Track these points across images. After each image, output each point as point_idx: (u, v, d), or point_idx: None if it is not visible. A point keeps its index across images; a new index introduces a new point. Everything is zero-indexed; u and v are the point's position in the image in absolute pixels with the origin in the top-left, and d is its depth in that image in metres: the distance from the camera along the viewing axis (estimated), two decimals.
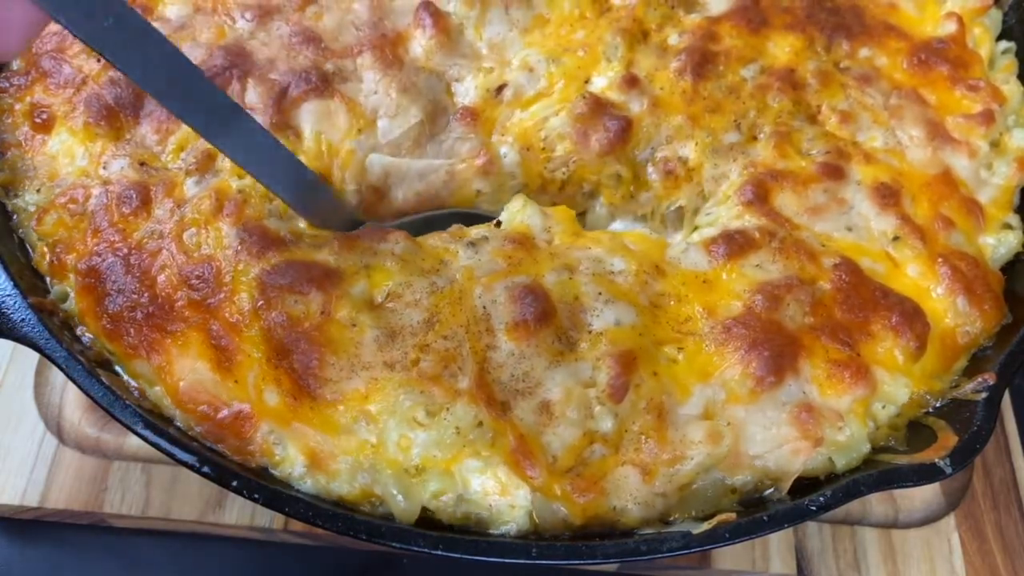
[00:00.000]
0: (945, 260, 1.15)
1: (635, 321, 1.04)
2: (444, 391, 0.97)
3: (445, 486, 0.96)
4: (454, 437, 0.95)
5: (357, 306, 1.01)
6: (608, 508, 0.97)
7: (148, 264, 1.06)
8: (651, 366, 1.02)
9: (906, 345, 1.06)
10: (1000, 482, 1.34)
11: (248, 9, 1.28)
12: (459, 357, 0.99)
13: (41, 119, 1.19)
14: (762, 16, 1.35)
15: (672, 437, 0.99)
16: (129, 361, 1.03)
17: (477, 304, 1.04)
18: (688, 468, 0.99)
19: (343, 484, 0.97)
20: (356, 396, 0.97)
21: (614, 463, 0.98)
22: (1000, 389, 1.04)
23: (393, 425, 0.96)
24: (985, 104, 1.30)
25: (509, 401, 0.99)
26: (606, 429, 0.99)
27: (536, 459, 0.96)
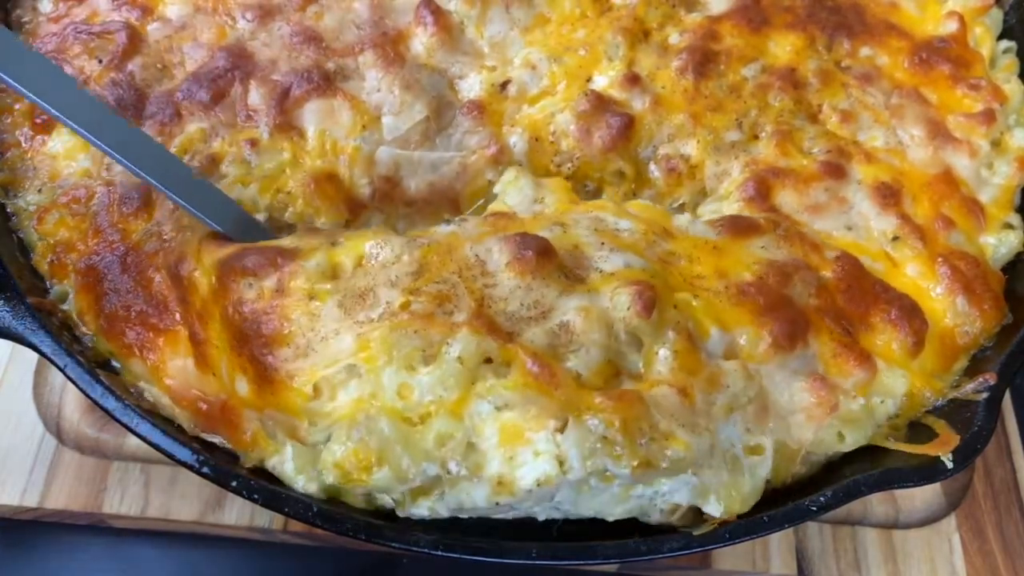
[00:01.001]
0: (945, 260, 1.15)
1: (645, 266, 1.00)
2: (440, 328, 0.91)
3: (452, 428, 0.90)
4: (458, 370, 0.90)
5: (314, 278, 0.97)
6: (651, 424, 0.89)
7: (145, 264, 1.06)
8: (670, 301, 0.98)
9: (904, 340, 1.06)
10: (1001, 482, 1.34)
11: (249, 9, 1.28)
12: (454, 296, 0.95)
13: (42, 119, 1.19)
14: (763, 15, 1.35)
15: (705, 361, 0.95)
16: (127, 360, 1.04)
17: (468, 254, 0.99)
18: (724, 398, 0.94)
19: (338, 447, 0.91)
20: (327, 363, 0.93)
21: (648, 386, 0.92)
22: (1001, 389, 1.04)
23: (390, 374, 0.91)
24: (986, 103, 1.30)
25: (515, 331, 0.93)
26: (633, 356, 0.94)
27: (559, 375, 0.89)
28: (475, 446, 0.90)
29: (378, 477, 0.90)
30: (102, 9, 1.28)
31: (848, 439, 1.01)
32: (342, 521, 0.94)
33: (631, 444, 0.87)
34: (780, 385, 0.99)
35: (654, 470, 0.88)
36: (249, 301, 0.97)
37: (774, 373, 0.99)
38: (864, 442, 1.02)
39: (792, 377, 1.00)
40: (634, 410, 0.88)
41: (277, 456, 0.97)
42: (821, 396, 0.98)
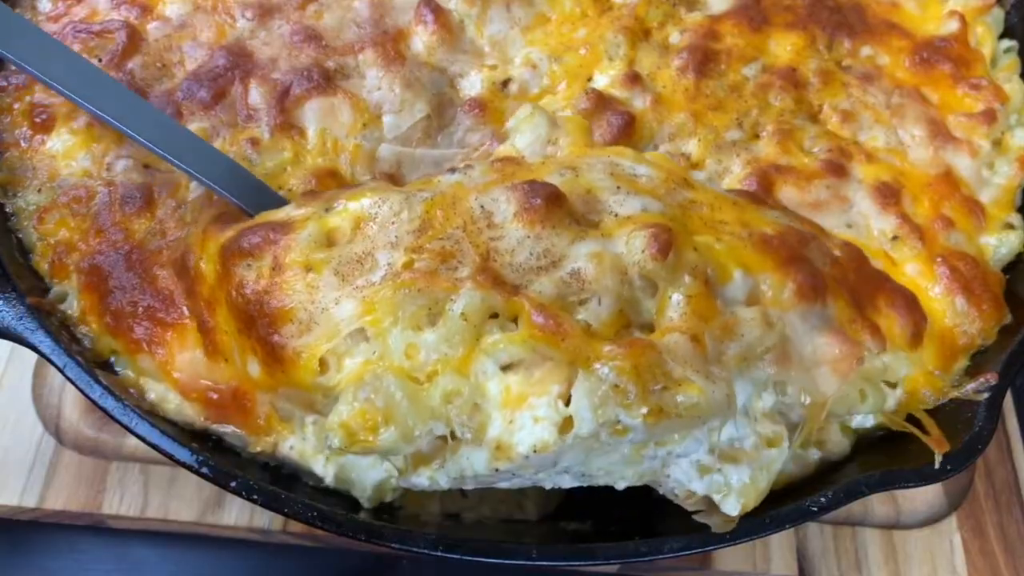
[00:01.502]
0: (944, 260, 1.15)
1: (664, 210, 0.97)
2: (444, 285, 0.89)
3: (458, 385, 0.88)
4: (463, 327, 0.88)
5: (309, 249, 0.95)
6: (664, 371, 0.86)
7: (150, 262, 1.06)
8: (689, 243, 0.95)
9: (904, 329, 1.06)
10: (1002, 483, 1.34)
11: (248, 8, 1.27)
12: (458, 252, 0.92)
13: (41, 119, 1.18)
14: (763, 15, 1.35)
15: (721, 308, 0.92)
16: (133, 357, 1.03)
17: (474, 206, 0.96)
18: (738, 348, 0.91)
19: (345, 407, 0.89)
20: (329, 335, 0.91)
21: (660, 334, 0.89)
22: (1002, 390, 1.04)
23: (396, 335, 0.89)
24: (987, 103, 1.30)
25: (522, 283, 0.90)
26: (647, 303, 0.91)
27: (566, 326, 0.86)
28: (480, 407, 0.88)
29: (384, 437, 0.87)
30: (101, 8, 1.28)
31: (868, 401, 0.99)
32: (342, 522, 0.94)
33: (643, 392, 0.84)
34: (803, 336, 0.96)
35: (667, 418, 0.84)
36: (250, 282, 0.95)
37: (796, 323, 0.96)
38: (880, 407, 1.00)
39: (814, 331, 0.96)
40: (645, 357, 0.85)
41: (294, 437, 0.97)
42: (846, 349, 0.96)
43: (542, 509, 1.13)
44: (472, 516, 1.09)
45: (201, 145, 1.11)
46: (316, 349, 0.91)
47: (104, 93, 1.08)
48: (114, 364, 1.05)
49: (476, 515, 1.09)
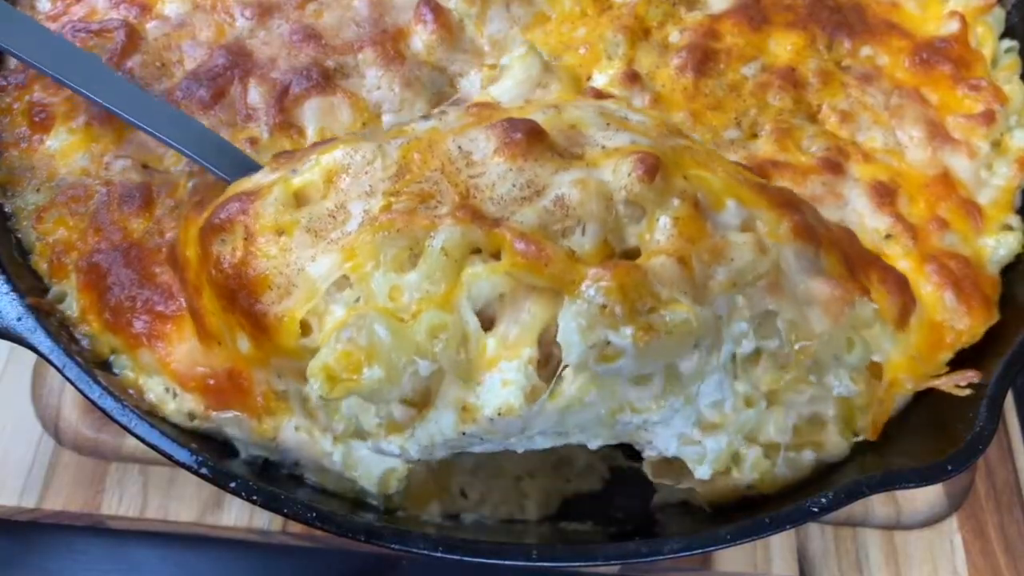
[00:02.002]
0: (934, 259, 1.15)
1: (654, 145, 0.95)
2: (424, 223, 0.87)
3: (443, 319, 0.85)
4: (444, 263, 0.86)
5: (277, 213, 0.93)
6: (652, 292, 0.85)
7: (149, 260, 1.06)
8: (679, 171, 0.93)
9: (892, 307, 1.05)
10: (1003, 483, 1.34)
11: (248, 7, 1.27)
12: (437, 193, 0.90)
13: (40, 118, 1.18)
14: (763, 14, 1.35)
15: (711, 231, 0.90)
16: (133, 352, 1.03)
17: (451, 147, 0.94)
18: (727, 273, 0.89)
19: (326, 351, 0.86)
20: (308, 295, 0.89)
21: (645, 257, 0.88)
22: (1003, 390, 1.04)
23: (379, 279, 0.87)
24: (987, 104, 1.30)
25: (504, 216, 0.88)
26: (632, 228, 0.89)
27: (549, 251, 0.84)
28: (468, 342, 0.86)
29: (368, 376, 0.85)
30: (100, 7, 1.28)
31: (858, 348, 0.97)
32: (341, 522, 0.93)
33: (630, 312, 0.83)
34: (795, 275, 0.94)
35: (657, 336, 0.83)
36: (226, 257, 0.94)
37: (790, 259, 0.95)
38: (867, 360, 0.99)
39: (806, 274, 0.95)
40: (631, 277, 0.84)
41: (296, 417, 0.97)
42: (839, 292, 0.95)
43: (542, 510, 1.13)
44: (472, 517, 1.09)
45: (175, 113, 1.11)
46: (296, 312, 0.89)
47: (75, 65, 1.09)
48: (113, 364, 1.05)
49: (476, 516, 1.09)
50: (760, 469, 1.09)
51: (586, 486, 1.18)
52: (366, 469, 1.00)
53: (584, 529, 1.10)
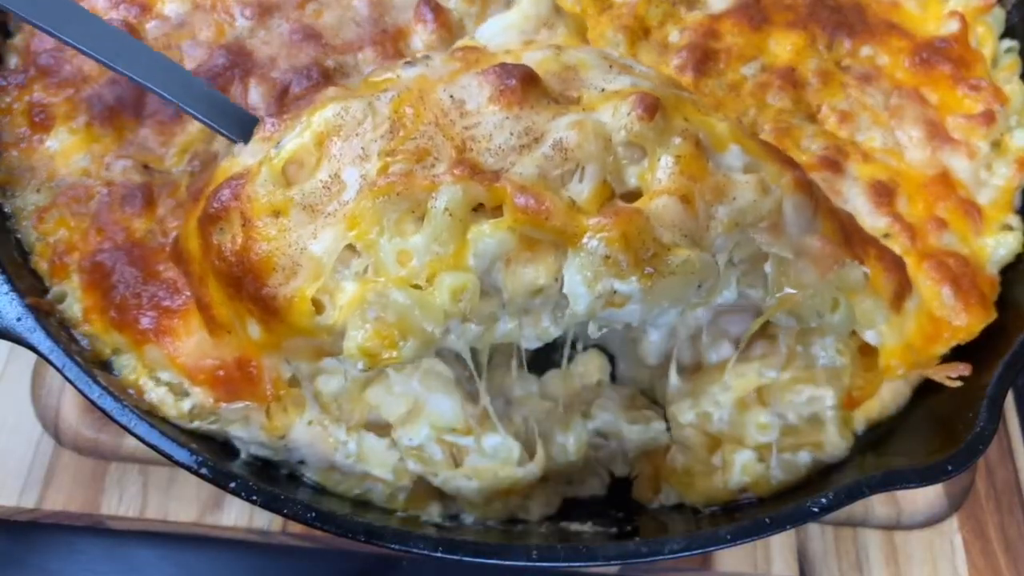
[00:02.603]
0: (933, 256, 1.15)
1: (655, 88, 0.93)
2: (423, 184, 0.86)
3: (462, 280, 0.85)
4: (449, 223, 0.85)
5: (269, 193, 0.92)
6: (654, 237, 0.85)
7: (152, 258, 1.06)
8: (679, 113, 0.92)
9: (888, 284, 1.05)
10: (1003, 483, 1.34)
11: (247, 7, 1.27)
12: (433, 149, 0.89)
13: (40, 118, 1.18)
14: (763, 14, 1.35)
15: (713, 171, 0.89)
16: (140, 349, 1.03)
17: (443, 97, 0.92)
18: (729, 212, 0.88)
19: (356, 332, 0.86)
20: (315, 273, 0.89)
21: (647, 199, 0.87)
22: (1003, 390, 1.04)
23: (386, 244, 0.87)
24: (987, 104, 1.30)
25: (503, 167, 0.87)
26: (632, 169, 0.89)
27: (549, 203, 0.84)
28: (486, 289, 0.87)
29: (407, 349, 0.86)
30: (100, 7, 1.27)
31: (842, 310, 0.96)
32: (341, 522, 0.93)
33: (635, 260, 0.84)
34: (792, 226, 0.93)
35: (662, 278, 0.84)
36: (227, 245, 0.93)
37: (789, 210, 0.94)
38: (850, 326, 0.98)
39: (802, 231, 0.94)
40: (634, 224, 0.84)
41: (309, 412, 0.98)
42: (831, 249, 0.94)
43: (543, 510, 1.13)
44: (472, 517, 1.09)
45: (174, 68, 1.09)
46: (306, 290, 0.88)
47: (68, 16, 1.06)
48: (113, 364, 1.05)
49: (476, 516, 1.09)
50: (752, 473, 1.09)
51: (588, 492, 1.18)
52: (379, 460, 1.00)
53: (584, 530, 1.10)
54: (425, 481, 1.09)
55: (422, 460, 1.06)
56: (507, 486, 1.08)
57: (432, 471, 1.07)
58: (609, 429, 1.17)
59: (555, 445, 1.14)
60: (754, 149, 0.94)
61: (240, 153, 1.00)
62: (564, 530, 1.10)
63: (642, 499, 1.16)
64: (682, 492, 1.13)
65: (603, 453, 1.19)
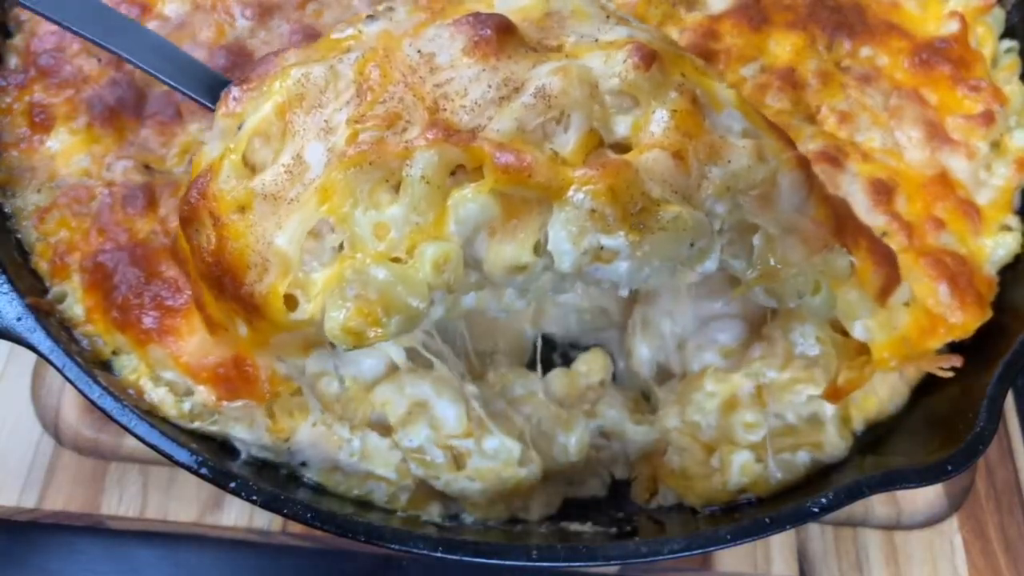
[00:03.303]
0: (930, 254, 1.15)
1: (652, 39, 0.89)
2: (396, 151, 0.81)
3: (444, 250, 0.81)
4: (426, 190, 0.80)
5: (233, 188, 0.88)
6: (643, 191, 0.80)
7: (155, 258, 1.07)
8: (677, 67, 0.87)
9: (876, 277, 1.03)
10: (1003, 483, 1.34)
11: (248, 7, 1.27)
12: (404, 112, 0.83)
13: (40, 119, 1.18)
14: (763, 14, 1.35)
15: (709, 129, 0.85)
16: (143, 349, 1.03)
17: (409, 53, 0.86)
18: (723, 174, 0.84)
19: (337, 312, 0.82)
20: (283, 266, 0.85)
21: (637, 152, 0.82)
22: (1003, 390, 1.04)
23: (361, 216, 0.82)
24: (986, 105, 1.30)
25: (479, 125, 0.82)
26: (621, 117, 0.84)
27: (530, 159, 0.79)
28: (472, 259, 0.83)
29: (393, 325, 0.82)
30: None
31: (823, 293, 0.93)
32: (341, 522, 0.93)
33: (622, 214, 0.79)
34: (785, 202, 0.90)
35: (651, 233, 0.80)
36: (204, 246, 0.90)
37: (785, 186, 0.90)
38: (830, 312, 0.96)
39: (794, 209, 0.91)
40: (622, 176, 0.79)
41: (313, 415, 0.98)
42: (821, 231, 0.92)
43: (544, 510, 1.13)
44: (472, 517, 1.09)
45: (142, 31, 1.07)
46: (278, 286, 0.85)
47: None
48: (113, 365, 1.05)
49: (476, 516, 1.09)
50: (751, 473, 1.09)
51: (588, 492, 1.18)
52: (383, 459, 0.99)
53: (584, 530, 1.10)
54: (427, 482, 1.09)
55: (424, 464, 1.06)
56: (511, 486, 1.08)
57: (434, 474, 1.06)
58: (614, 428, 1.17)
59: (556, 445, 1.14)
60: (758, 121, 0.91)
61: (210, 141, 0.96)
62: (564, 530, 1.10)
63: (640, 500, 1.16)
64: (681, 493, 1.13)
65: (604, 454, 1.19)
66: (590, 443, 1.16)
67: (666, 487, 1.14)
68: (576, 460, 1.14)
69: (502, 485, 1.07)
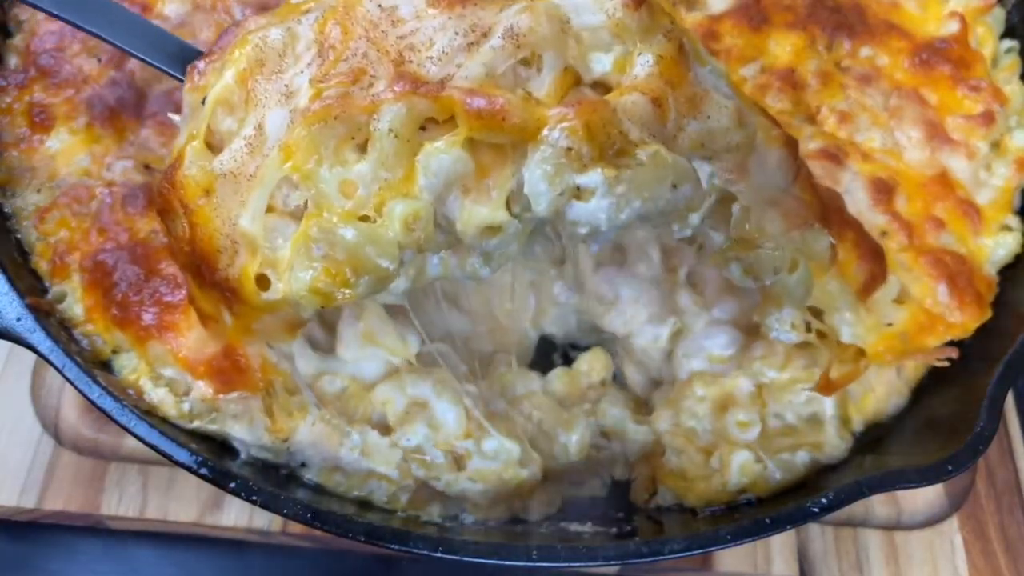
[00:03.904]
0: (930, 253, 1.15)
1: None
2: (362, 106, 0.78)
3: (414, 208, 0.78)
4: (395, 145, 0.78)
5: (199, 173, 0.86)
6: (617, 131, 0.78)
7: (155, 257, 1.07)
8: (668, 16, 0.84)
9: (859, 273, 1.02)
10: (1003, 483, 1.34)
11: (247, 7, 1.27)
12: (368, 67, 0.81)
13: (40, 119, 1.18)
14: (763, 14, 1.35)
15: (692, 81, 0.82)
16: (143, 346, 1.03)
17: (369, 8, 0.84)
18: (699, 130, 0.82)
19: (304, 273, 0.80)
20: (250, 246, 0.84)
21: (617, 94, 0.80)
22: (1003, 390, 1.04)
23: (326, 174, 0.79)
24: (986, 105, 1.30)
25: (447, 75, 0.79)
26: (598, 55, 0.81)
27: (502, 103, 0.76)
28: (445, 216, 0.80)
29: (361, 285, 0.80)
30: None
31: (800, 272, 0.91)
32: (341, 522, 0.93)
33: (598, 152, 0.77)
34: (770, 177, 0.88)
35: (628, 169, 0.77)
36: (181, 235, 0.88)
37: (772, 162, 0.88)
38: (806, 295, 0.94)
39: (777, 187, 0.89)
40: (598, 114, 0.76)
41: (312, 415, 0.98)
42: (802, 209, 0.90)
43: (544, 510, 1.13)
44: (473, 517, 1.09)
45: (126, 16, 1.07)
46: (249, 267, 0.83)
47: None
48: (113, 364, 1.05)
49: (477, 517, 1.09)
50: (751, 473, 1.09)
51: (588, 492, 1.18)
52: (384, 457, 0.99)
53: (584, 530, 1.10)
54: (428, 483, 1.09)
55: (424, 464, 1.06)
56: (513, 487, 1.08)
57: (435, 475, 1.06)
58: (615, 428, 1.17)
59: (557, 444, 1.14)
60: (747, 101, 0.89)
61: (180, 126, 0.94)
62: (564, 530, 1.10)
63: (640, 501, 1.16)
64: (680, 494, 1.13)
65: (604, 455, 1.19)
66: (590, 443, 1.16)
67: (665, 487, 1.14)
68: (577, 460, 1.14)
69: (504, 486, 1.07)
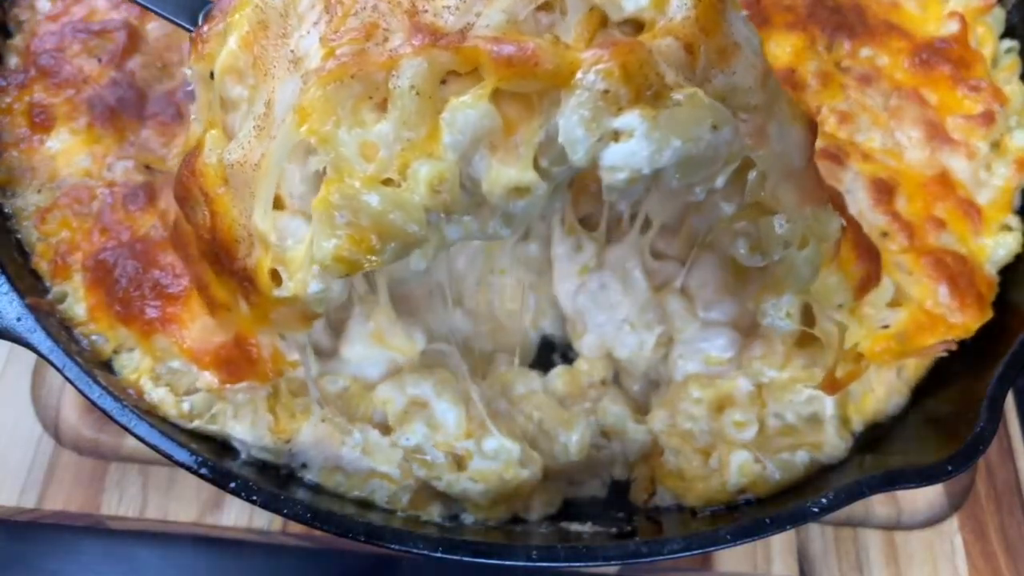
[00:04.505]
0: (931, 253, 1.15)
1: None
2: (379, 63, 0.74)
3: (439, 169, 0.74)
4: (417, 102, 0.74)
5: (217, 163, 0.84)
6: (655, 72, 0.73)
7: (155, 250, 1.07)
8: None
9: (857, 271, 1.01)
10: (1003, 483, 1.34)
11: None
12: (381, 21, 0.77)
13: (40, 119, 1.18)
14: (763, 15, 1.35)
15: (726, 30, 0.79)
16: (147, 340, 1.03)
17: None
18: (724, 82, 0.79)
19: (328, 242, 0.76)
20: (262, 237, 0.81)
21: (650, 36, 0.75)
22: (1003, 390, 1.04)
23: (345, 135, 0.75)
24: (986, 105, 1.30)
25: (467, 24, 0.75)
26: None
27: (531, 45, 0.72)
28: (470, 176, 0.77)
29: (388, 251, 0.77)
30: (101, 7, 1.28)
31: (809, 247, 0.89)
32: (341, 522, 0.93)
33: (636, 95, 0.72)
34: (791, 150, 0.85)
35: (666, 108, 0.73)
36: (200, 224, 0.87)
37: (795, 138, 0.85)
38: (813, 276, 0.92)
39: (792, 165, 0.87)
40: (635, 55, 0.72)
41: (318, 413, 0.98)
42: (819, 183, 0.89)
43: (544, 510, 1.13)
44: (473, 517, 1.09)
45: None
46: (263, 261, 0.81)
47: None
48: (113, 364, 1.05)
49: (477, 517, 1.09)
50: (750, 473, 1.09)
51: (588, 492, 1.18)
52: (385, 456, 0.99)
53: (584, 530, 1.10)
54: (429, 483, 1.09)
55: (425, 464, 1.06)
56: (513, 487, 1.08)
57: (435, 475, 1.06)
58: (615, 427, 1.17)
59: (557, 444, 1.14)
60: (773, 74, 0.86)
61: (195, 113, 0.92)
62: (564, 530, 1.10)
63: (639, 501, 1.16)
64: (679, 495, 1.13)
65: (604, 454, 1.19)
66: (590, 443, 1.16)
67: (664, 488, 1.14)
68: (577, 459, 1.14)
69: (504, 486, 1.07)
